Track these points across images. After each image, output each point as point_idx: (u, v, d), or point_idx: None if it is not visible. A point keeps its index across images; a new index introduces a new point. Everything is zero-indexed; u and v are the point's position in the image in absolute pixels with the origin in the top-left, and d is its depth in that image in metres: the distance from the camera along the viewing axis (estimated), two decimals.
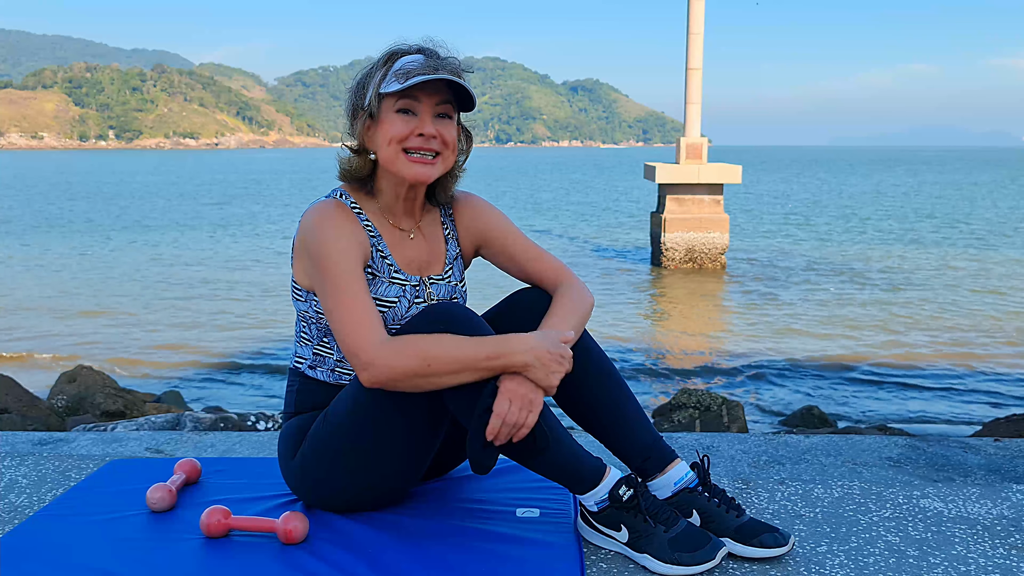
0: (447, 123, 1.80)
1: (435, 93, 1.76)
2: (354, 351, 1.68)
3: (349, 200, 1.85)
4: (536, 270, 1.96)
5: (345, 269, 1.74)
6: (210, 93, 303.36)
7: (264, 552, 1.73)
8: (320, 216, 1.78)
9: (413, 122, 1.76)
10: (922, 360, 9.03)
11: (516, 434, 1.66)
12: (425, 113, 1.76)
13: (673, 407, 5.54)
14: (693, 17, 16.01)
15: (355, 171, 1.86)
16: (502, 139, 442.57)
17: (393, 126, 1.76)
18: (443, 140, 1.79)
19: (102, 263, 16.95)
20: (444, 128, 1.79)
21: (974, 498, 2.05)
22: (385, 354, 1.66)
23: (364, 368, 1.67)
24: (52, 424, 5.28)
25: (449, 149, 1.81)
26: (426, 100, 1.76)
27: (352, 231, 1.79)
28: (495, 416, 1.64)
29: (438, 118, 1.78)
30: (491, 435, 1.65)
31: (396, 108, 1.76)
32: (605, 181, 58.31)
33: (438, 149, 1.79)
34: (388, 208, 1.89)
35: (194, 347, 9.71)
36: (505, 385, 1.66)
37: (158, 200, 37.02)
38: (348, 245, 1.76)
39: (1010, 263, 16.83)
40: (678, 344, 10.12)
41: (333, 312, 1.72)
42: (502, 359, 1.66)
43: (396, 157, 1.78)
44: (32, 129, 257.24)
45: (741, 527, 1.73)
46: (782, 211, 31.16)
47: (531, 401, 1.66)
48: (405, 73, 1.73)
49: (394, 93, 1.75)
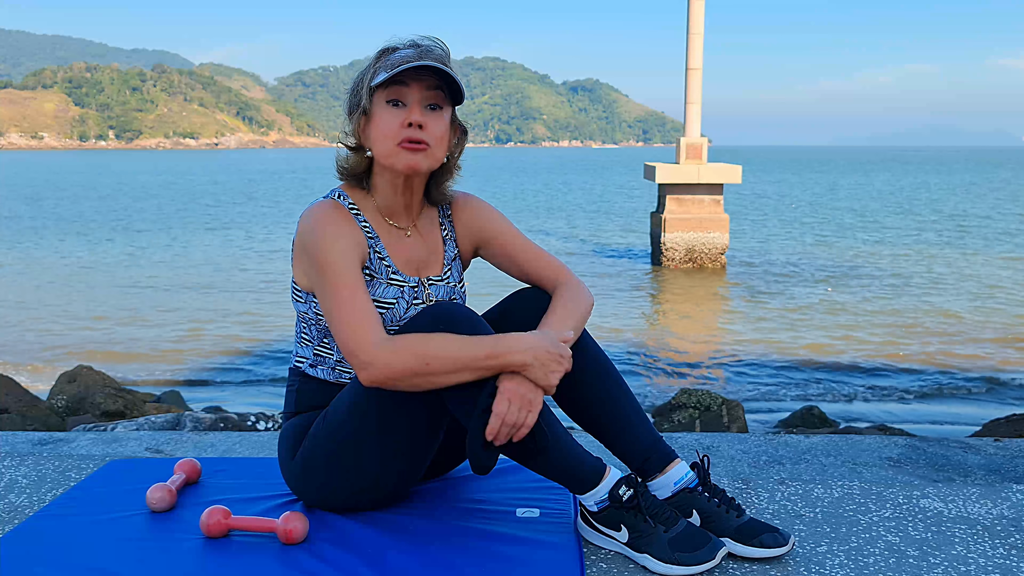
0: (437, 115, 1.80)
1: (424, 84, 1.77)
2: (353, 351, 1.68)
3: (347, 201, 1.86)
4: (535, 270, 1.96)
5: (343, 269, 1.74)
6: (210, 93, 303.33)
7: (264, 552, 1.73)
8: (318, 217, 1.79)
9: (403, 113, 1.77)
10: (922, 360, 9.03)
11: (516, 434, 1.66)
12: (414, 103, 1.77)
13: (673, 407, 5.54)
14: (693, 17, 16.01)
15: (352, 168, 1.88)
16: (502, 139, 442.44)
17: (384, 122, 1.77)
18: (431, 132, 1.79)
19: (102, 263, 16.95)
20: (433, 120, 1.79)
21: (974, 498, 2.05)
22: (384, 354, 1.66)
23: (363, 368, 1.67)
24: (52, 424, 5.28)
25: (436, 139, 1.80)
26: (415, 90, 1.77)
27: (350, 232, 1.80)
28: (495, 416, 1.64)
29: (428, 109, 1.79)
30: (491, 435, 1.65)
31: (386, 99, 1.78)
32: (605, 181, 58.30)
33: (426, 139, 1.78)
34: (385, 205, 1.89)
35: (194, 347, 9.71)
36: (504, 385, 1.66)
37: (158, 200, 37.02)
38: (346, 246, 1.77)
39: (1011, 262, 16.83)
40: (678, 344, 10.12)
41: (332, 313, 1.73)
42: (501, 358, 1.66)
43: (391, 154, 1.79)
44: (32, 129, 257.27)
45: (741, 527, 1.73)
46: (782, 211, 31.16)
47: (530, 401, 1.66)
48: (393, 64, 1.76)
49: (383, 83, 1.76)
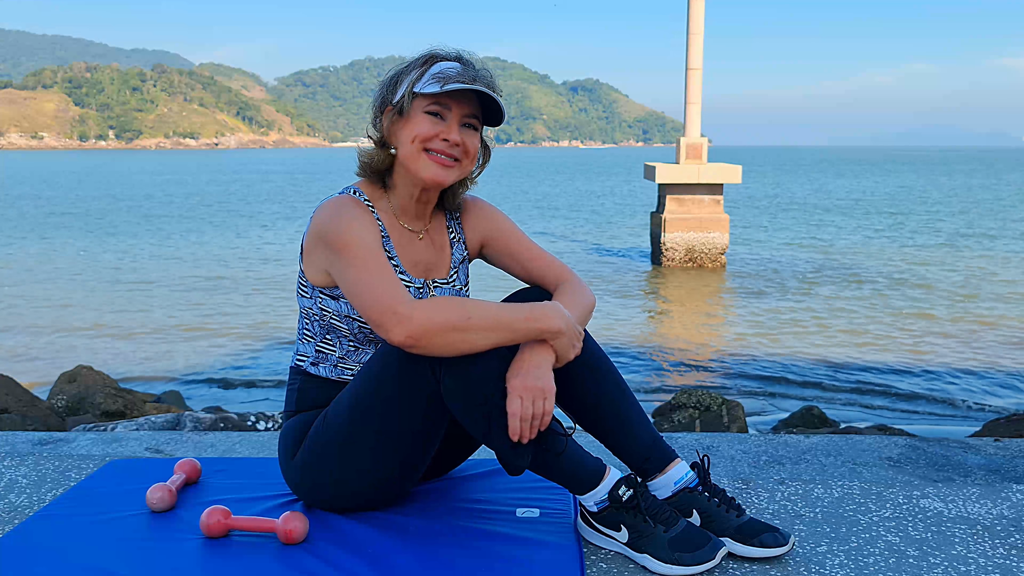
0: (471, 133, 1.83)
1: (466, 103, 1.80)
2: (391, 307, 1.66)
3: (363, 197, 1.87)
4: (538, 269, 1.97)
5: (367, 244, 1.75)
6: (210, 93, 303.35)
7: (264, 552, 1.73)
8: (337, 206, 1.81)
9: (440, 126, 1.79)
10: (922, 360, 9.03)
11: (541, 424, 1.66)
12: (453, 120, 1.79)
13: (673, 407, 5.54)
14: (693, 17, 16.01)
15: (375, 164, 1.88)
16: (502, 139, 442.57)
17: (420, 125, 1.79)
18: (465, 148, 1.82)
19: (102, 263, 16.95)
20: (468, 137, 1.82)
21: (974, 498, 2.05)
22: (424, 306, 1.66)
23: (402, 321, 1.64)
24: (52, 424, 5.27)
25: (469, 158, 1.84)
26: (456, 108, 1.79)
27: (369, 221, 1.82)
28: (511, 417, 1.64)
29: (464, 127, 1.81)
30: (515, 435, 1.65)
31: (426, 109, 1.78)
32: (605, 181, 58.31)
33: (459, 156, 1.82)
34: (401, 207, 1.90)
35: (194, 347, 9.71)
36: (510, 384, 1.66)
37: (158, 200, 37.03)
38: (365, 228, 1.79)
39: (1012, 261, 16.83)
40: (678, 344, 10.12)
41: (361, 281, 1.72)
42: (539, 322, 1.69)
43: (418, 155, 1.80)
44: (32, 129, 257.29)
45: (741, 527, 1.73)
46: (782, 211, 31.16)
47: (542, 389, 1.65)
48: (444, 78, 1.76)
49: (428, 95, 1.77)
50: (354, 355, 1.89)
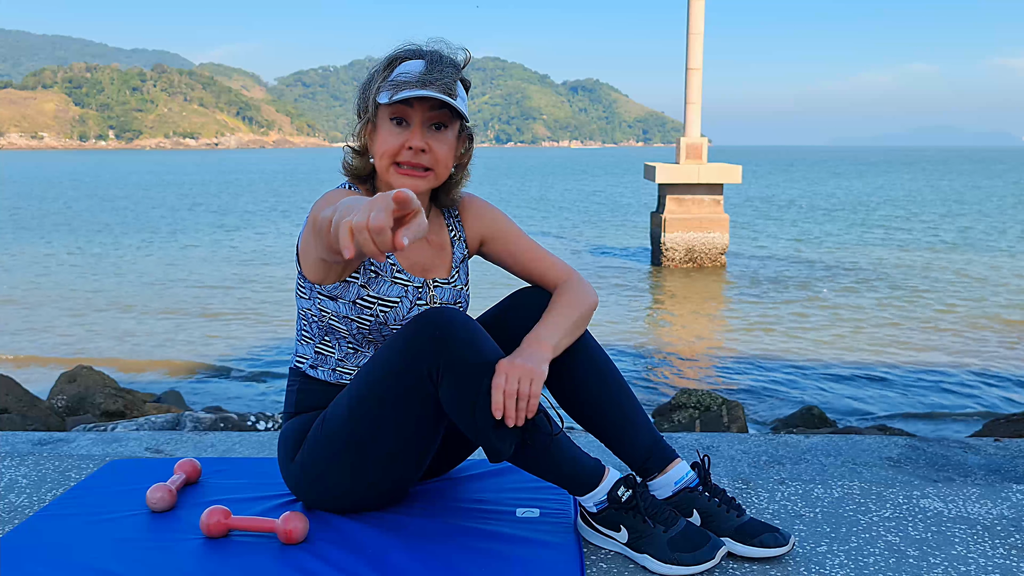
0: (440, 134, 1.77)
1: (427, 103, 1.73)
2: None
3: (358, 192, 1.85)
4: (538, 269, 1.95)
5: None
6: (210, 93, 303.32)
7: (264, 552, 1.73)
8: (330, 194, 1.77)
9: (405, 134, 1.74)
10: (922, 360, 9.03)
11: (528, 409, 1.63)
12: (417, 124, 1.74)
13: (673, 407, 5.54)
14: (693, 17, 16.01)
15: (357, 171, 1.86)
16: (502, 139, 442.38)
17: (385, 140, 1.75)
18: (434, 155, 1.75)
19: (102, 262, 16.94)
20: (436, 140, 1.75)
21: (974, 498, 2.05)
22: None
23: None
24: (52, 424, 5.27)
25: (440, 164, 1.77)
26: (419, 110, 1.73)
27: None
28: (495, 390, 1.61)
29: (432, 129, 1.75)
30: (497, 410, 1.61)
31: (391, 116, 1.75)
32: (605, 181, 58.30)
33: (428, 164, 1.76)
34: None
35: (194, 347, 9.71)
36: (498, 365, 1.65)
37: (158, 201, 37.01)
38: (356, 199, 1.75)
39: (1012, 261, 16.82)
40: (678, 344, 10.12)
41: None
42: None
43: (387, 171, 1.77)
44: (32, 129, 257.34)
45: (741, 527, 1.73)
46: (782, 211, 31.15)
47: (529, 369, 1.64)
48: (397, 85, 1.71)
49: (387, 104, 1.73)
50: (353, 358, 1.88)
